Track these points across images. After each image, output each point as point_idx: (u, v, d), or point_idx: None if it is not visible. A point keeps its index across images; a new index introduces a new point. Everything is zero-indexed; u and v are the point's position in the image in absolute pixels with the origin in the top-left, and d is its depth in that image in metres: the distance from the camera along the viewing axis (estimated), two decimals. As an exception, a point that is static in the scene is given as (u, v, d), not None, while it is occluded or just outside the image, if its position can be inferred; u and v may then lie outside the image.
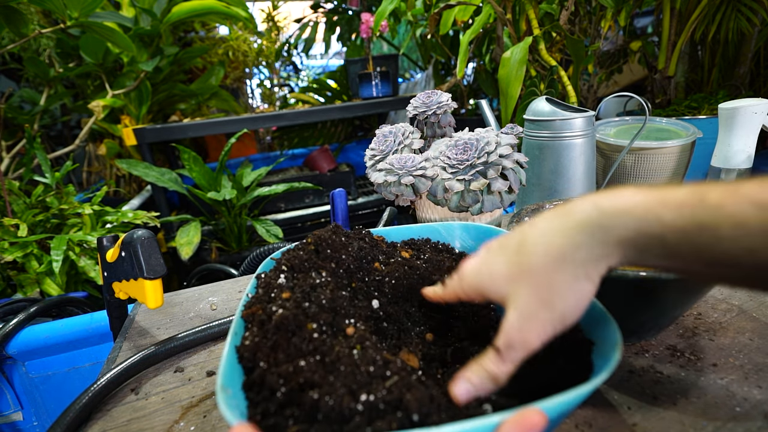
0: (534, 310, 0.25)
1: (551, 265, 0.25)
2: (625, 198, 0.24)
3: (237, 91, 2.64)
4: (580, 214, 0.25)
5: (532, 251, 0.26)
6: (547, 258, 0.25)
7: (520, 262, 0.26)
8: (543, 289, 0.25)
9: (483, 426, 0.21)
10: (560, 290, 0.25)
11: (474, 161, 0.56)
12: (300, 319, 0.30)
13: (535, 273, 0.25)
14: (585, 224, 0.24)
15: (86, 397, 0.41)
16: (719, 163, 0.81)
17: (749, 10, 1.20)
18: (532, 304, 0.25)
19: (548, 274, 0.25)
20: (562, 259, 0.24)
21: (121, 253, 0.50)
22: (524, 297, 0.25)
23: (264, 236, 1.52)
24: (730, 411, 0.35)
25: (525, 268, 0.26)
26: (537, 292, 0.25)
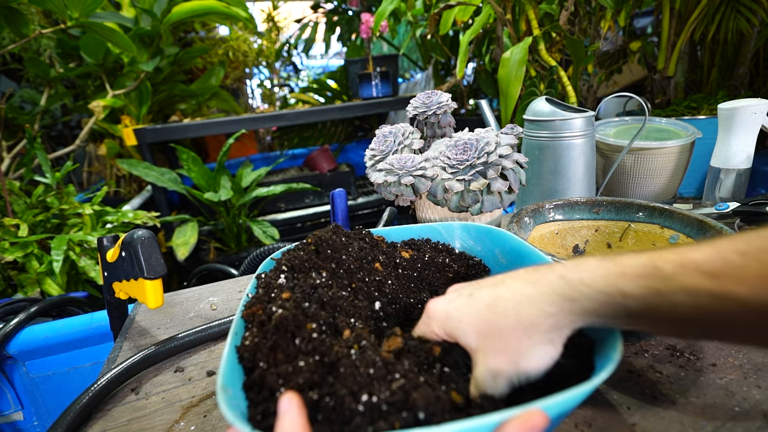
0: (503, 368, 0.27)
1: (521, 331, 0.27)
2: (589, 271, 0.26)
3: (237, 91, 2.64)
4: (550, 285, 0.27)
5: (504, 314, 0.28)
6: (518, 324, 0.27)
7: (490, 321, 0.28)
8: (512, 352, 0.27)
9: (484, 425, 0.21)
10: (527, 354, 0.27)
11: (474, 161, 0.56)
12: (300, 320, 0.30)
13: (506, 336, 0.27)
14: (554, 295, 0.27)
15: (86, 396, 0.41)
16: (718, 163, 0.81)
17: (748, 10, 1.20)
18: (502, 364, 0.27)
19: (518, 339, 0.27)
20: (532, 326, 0.27)
21: (122, 253, 0.50)
22: (493, 356, 0.28)
23: (260, 237, 1.51)
24: (729, 411, 0.35)
25: (495, 328, 0.28)
26: (506, 354, 0.27)
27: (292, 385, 0.26)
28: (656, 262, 0.24)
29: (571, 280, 0.26)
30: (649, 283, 0.24)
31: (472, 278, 0.45)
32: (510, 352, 0.27)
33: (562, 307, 0.26)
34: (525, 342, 0.27)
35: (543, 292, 0.27)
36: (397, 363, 0.27)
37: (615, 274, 0.25)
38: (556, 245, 0.57)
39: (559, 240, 0.58)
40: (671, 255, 0.24)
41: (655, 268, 0.24)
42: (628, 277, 0.25)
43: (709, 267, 0.23)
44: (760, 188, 1.17)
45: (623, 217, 0.57)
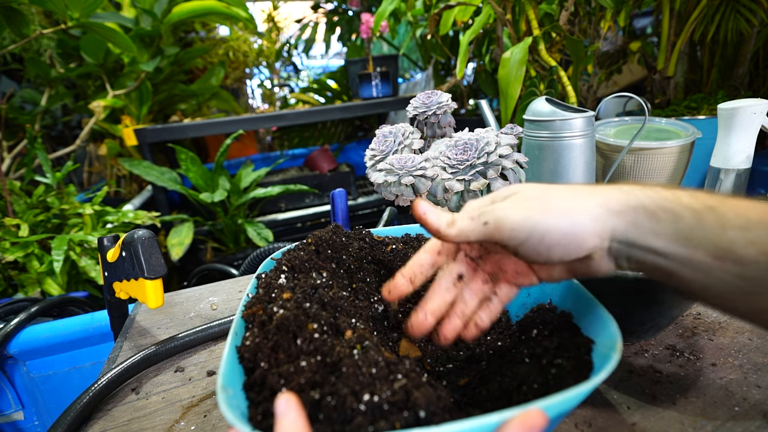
0: (530, 207, 0.27)
1: (565, 194, 0.27)
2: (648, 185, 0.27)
3: (237, 91, 2.64)
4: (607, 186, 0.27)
5: (551, 187, 0.28)
6: (563, 189, 0.27)
7: (536, 184, 0.29)
8: (550, 199, 0.27)
9: (483, 425, 0.21)
10: (566, 208, 0.26)
11: (474, 161, 0.56)
12: (301, 320, 0.30)
13: (547, 194, 0.27)
14: (610, 187, 0.27)
15: (87, 396, 0.41)
16: (718, 164, 0.81)
17: (748, 10, 1.20)
18: (531, 205, 0.27)
19: (558, 198, 0.27)
20: (577, 194, 0.27)
21: (122, 253, 0.50)
22: (527, 195, 0.27)
23: (254, 239, 1.50)
24: (729, 410, 0.35)
25: (540, 186, 0.28)
26: (542, 198, 0.27)
27: (294, 385, 0.26)
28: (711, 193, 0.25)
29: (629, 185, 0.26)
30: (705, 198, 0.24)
31: None
32: (548, 199, 0.27)
33: (616, 192, 0.26)
34: (570, 199, 0.26)
35: (603, 186, 0.27)
36: (399, 363, 0.27)
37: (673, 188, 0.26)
38: (556, 245, 0.58)
39: (559, 240, 0.58)
40: None
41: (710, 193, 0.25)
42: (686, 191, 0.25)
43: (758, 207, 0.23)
44: (759, 188, 1.17)
45: (623, 217, 0.57)
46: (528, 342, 0.32)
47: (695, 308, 0.50)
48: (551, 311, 0.34)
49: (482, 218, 0.27)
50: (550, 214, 0.26)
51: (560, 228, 0.26)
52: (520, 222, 0.26)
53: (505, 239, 0.27)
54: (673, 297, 0.39)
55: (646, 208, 0.25)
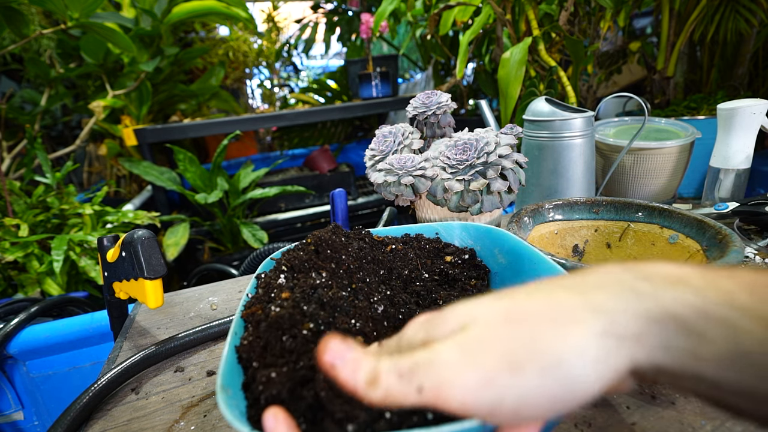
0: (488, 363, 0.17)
1: (550, 317, 0.18)
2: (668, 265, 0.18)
3: (237, 91, 2.64)
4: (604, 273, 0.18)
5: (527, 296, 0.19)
6: (548, 308, 0.18)
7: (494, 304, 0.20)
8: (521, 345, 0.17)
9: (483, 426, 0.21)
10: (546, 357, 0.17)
11: (473, 161, 0.56)
12: (296, 318, 0.30)
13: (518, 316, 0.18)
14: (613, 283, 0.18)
15: (87, 396, 0.41)
16: (718, 164, 0.81)
17: (747, 11, 1.20)
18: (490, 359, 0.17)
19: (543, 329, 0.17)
20: (571, 318, 0.17)
21: (122, 253, 0.50)
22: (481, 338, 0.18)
23: (249, 240, 1.49)
24: (728, 410, 0.35)
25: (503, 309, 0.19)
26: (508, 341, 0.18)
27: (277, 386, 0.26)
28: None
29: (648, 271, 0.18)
30: None
31: (466, 264, 0.45)
32: (516, 342, 0.17)
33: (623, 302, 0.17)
34: (551, 336, 0.17)
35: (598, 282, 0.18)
36: None
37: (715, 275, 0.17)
38: (556, 245, 0.58)
39: (559, 240, 0.58)
40: None
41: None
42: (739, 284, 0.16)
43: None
44: (759, 188, 1.17)
45: (623, 217, 0.57)
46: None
47: (695, 308, 0.50)
48: None
49: (415, 380, 0.18)
50: (522, 373, 0.16)
51: (543, 392, 0.16)
52: (477, 393, 0.17)
53: (454, 413, 0.17)
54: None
55: (681, 319, 0.16)
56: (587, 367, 0.16)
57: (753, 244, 0.64)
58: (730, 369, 0.16)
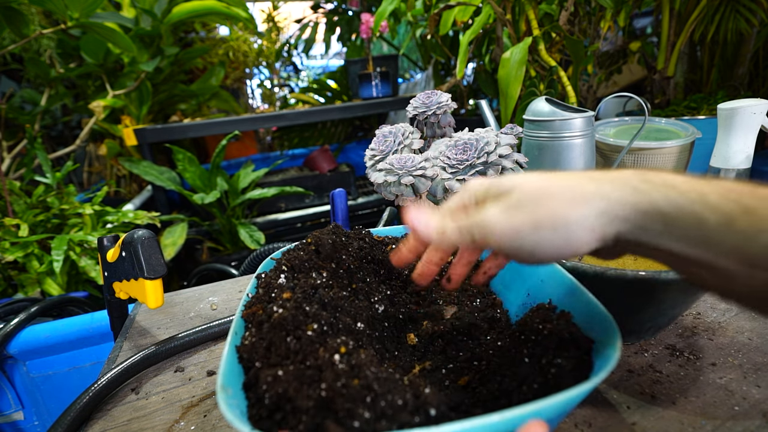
0: (519, 219, 0.25)
1: (568, 199, 0.24)
2: (669, 174, 0.23)
3: (237, 91, 2.64)
4: (619, 173, 0.24)
5: (556, 182, 0.25)
6: (567, 192, 0.24)
7: (533, 177, 0.26)
8: (541, 208, 0.24)
9: (484, 425, 0.21)
10: (558, 221, 0.24)
11: (474, 161, 0.56)
12: (299, 320, 0.30)
13: (544, 191, 0.25)
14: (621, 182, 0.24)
15: (87, 396, 0.41)
16: (718, 164, 0.81)
17: (748, 10, 1.20)
18: (521, 216, 0.25)
19: (559, 201, 0.24)
20: (581, 199, 0.24)
21: (122, 253, 0.50)
22: (519, 201, 0.25)
23: (245, 241, 1.48)
24: (728, 410, 0.35)
25: (537, 182, 0.26)
26: (533, 206, 0.25)
27: (283, 384, 0.26)
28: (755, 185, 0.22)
29: (648, 176, 0.23)
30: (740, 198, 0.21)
31: None
32: (539, 206, 0.24)
33: (623, 194, 0.23)
34: (565, 208, 0.24)
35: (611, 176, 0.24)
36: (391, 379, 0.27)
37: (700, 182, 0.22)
38: (556, 245, 0.58)
39: (559, 240, 0.58)
40: None
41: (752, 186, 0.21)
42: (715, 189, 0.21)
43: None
44: (759, 188, 1.16)
45: (623, 217, 0.57)
46: (528, 342, 0.32)
47: (695, 308, 0.50)
48: (551, 311, 0.34)
49: (470, 232, 0.27)
50: (541, 229, 0.24)
51: (552, 243, 0.24)
52: (509, 238, 0.25)
53: (494, 249, 0.27)
54: (674, 297, 0.39)
55: (661, 211, 0.22)
56: (584, 231, 0.24)
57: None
58: (694, 247, 0.22)
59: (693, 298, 0.41)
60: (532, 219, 0.24)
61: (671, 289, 0.38)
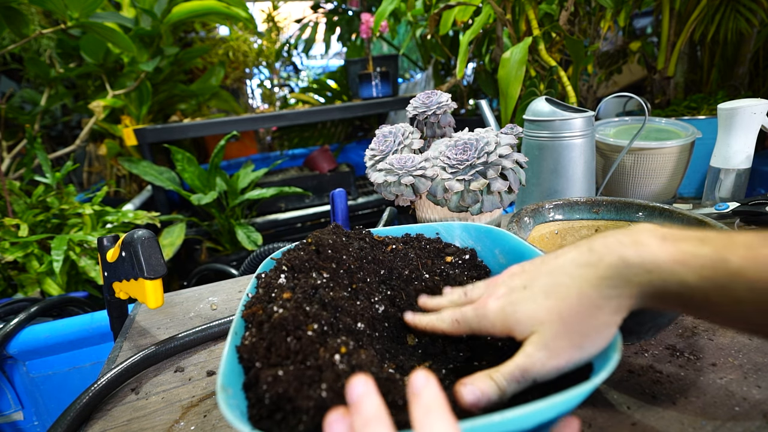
0: (563, 350, 0.27)
1: (585, 313, 0.27)
2: (651, 251, 0.26)
3: (237, 91, 2.64)
4: (611, 269, 0.27)
5: (565, 298, 0.28)
6: (581, 307, 0.27)
7: (550, 308, 0.28)
8: (575, 335, 0.27)
9: (484, 425, 0.21)
10: (591, 335, 0.27)
11: (474, 161, 0.56)
12: (299, 320, 0.30)
13: (568, 319, 0.27)
14: (616, 279, 0.27)
15: (87, 396, 0.41)
16: (718, 164, 0.81)
17: (748, 10, 1.20)
18: (563, 347, 0.27)
19: (582, 321, 0.27)
20: (595, 308, 0.27)
21: (122, 253, 0.50)
22: (554, 337, 0.27)
23: (243, 242, 1.47)
24: (729, 410, 0.35)
25: (556, 313, 0.28)
26: (569, 336, 0.27)
27: (283, 384, 0.26)
28: (724, 254, 0.24)
29: (632, 263, 0.26)
30: (713, 276, 0.24)
31: (467, 264, 0.45)
32: (574, 335, 0.27)
33: (622, 291, 0.26)
34: (589, 323, 0.27)
35: (604, 276, 0.27)
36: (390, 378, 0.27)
37: (678, 262, 0.25)
38: (556, 245, 0.58)
39: (559, 240, 0.58)
40: (741, 249, 0.24)
41: (722, 261, 0.24)
42: (691, 269, 0.24)
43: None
44: (759, 188, 1.17)
45: (623, 217, 0.57)
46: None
47: (695, 308, 0.50)
48: None
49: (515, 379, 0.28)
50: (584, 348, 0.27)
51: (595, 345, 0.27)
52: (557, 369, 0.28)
53: None
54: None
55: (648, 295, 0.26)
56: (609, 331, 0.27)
57: (753, 244, 0.63)
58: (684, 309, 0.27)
59: (693, 298, 0.41)
60: (571, 346, 0.27)
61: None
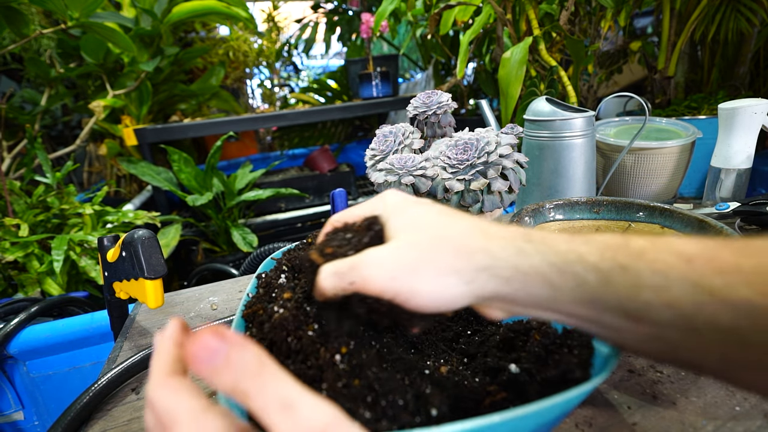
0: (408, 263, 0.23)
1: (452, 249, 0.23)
2: (552, 234, 0.23)
3: (237, 91, 2.64)
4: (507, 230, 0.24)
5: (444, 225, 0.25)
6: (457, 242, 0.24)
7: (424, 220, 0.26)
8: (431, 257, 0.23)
9: (484, 425, 0.21)
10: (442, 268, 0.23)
11: (474, 161, 0.56)
12: (300, 320, 0.30)
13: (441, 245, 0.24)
14: (507, 239, 0.23)
15: (87, 396, 0.41)
16: (719, 163, 0.81)
17: (749, 10, 1.20)
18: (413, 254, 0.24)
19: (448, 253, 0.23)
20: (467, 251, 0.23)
21: (122, 252, 0.50)
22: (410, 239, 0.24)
23: (238, 243, 1.46)
24: (729, 410, 0.35)
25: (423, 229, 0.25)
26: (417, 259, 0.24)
27: None
28: (626, 238, 0.22)
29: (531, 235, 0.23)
30: (616, 255, 0.21)
31: None
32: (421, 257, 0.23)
33: (507, 253, 0.23)
34: (443, 260, 0.23)
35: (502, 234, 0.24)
36: None
37: (579, 241, 0.22)
38: (557, 245, 0.58)
39: (560, 240, 0.58)
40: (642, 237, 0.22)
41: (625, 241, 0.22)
42: (592, 246, 0.22)
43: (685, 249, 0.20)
44: (760, 188, 1.17)
45: (624, 217, 0.57)
46: (527, 342, 0.32)
47: (696, 308, 0.50)
48: None
49: (348, 277, 0.25)
50: (419, 277, 0.23)
51: (429, 293, 0.23)
52: (386, 284, 0.24)
53: (374, 295, 0.25)
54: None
55: (540, 273, 0.22)
56: (460, 284, 0.23)
57: (754, 243, 0.63)
58: (577, 305, 0.22)
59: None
60: (415, 263, 0.23)
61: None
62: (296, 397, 0.19)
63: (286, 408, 0.18)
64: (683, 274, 0.19)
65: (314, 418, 0.18)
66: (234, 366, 0.19)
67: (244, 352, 0.20)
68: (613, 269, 0.21)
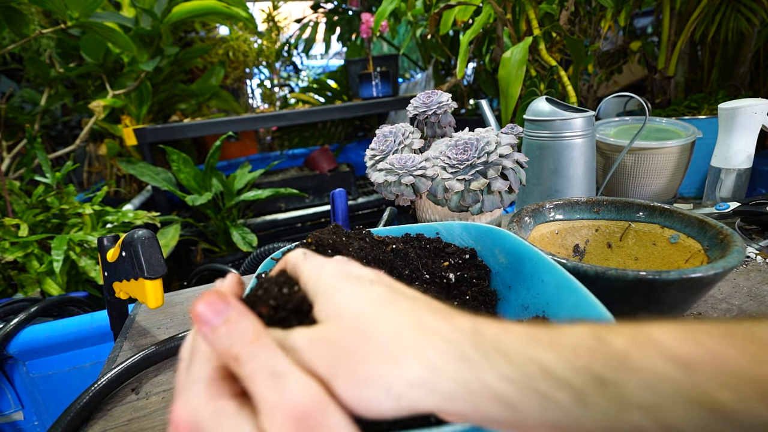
0: None
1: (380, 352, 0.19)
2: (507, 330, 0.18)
3: (237, 91, 2.64)
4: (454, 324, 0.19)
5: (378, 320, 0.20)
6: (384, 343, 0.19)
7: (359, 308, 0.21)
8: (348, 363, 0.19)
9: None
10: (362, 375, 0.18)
11: (474, 161, 0.56)
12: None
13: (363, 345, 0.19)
14: (451, 339, 0.18)
15: (87, 396, 0.41)
16: (719, 163, 0.81)
17: (749, 10, 1.20)
18: None
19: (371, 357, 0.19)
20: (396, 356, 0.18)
21: (122, 252, 0.50)
22: None
23: (238, 243, 1.45)
24: None
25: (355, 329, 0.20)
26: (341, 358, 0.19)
27: None
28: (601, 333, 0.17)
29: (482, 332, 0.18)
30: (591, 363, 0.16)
31: (467, 264, 0.45)
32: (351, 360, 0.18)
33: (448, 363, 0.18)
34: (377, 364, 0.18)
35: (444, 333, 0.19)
36: None
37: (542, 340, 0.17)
38: (557, 245, 0.57)
39: (560, 240, 0.58)
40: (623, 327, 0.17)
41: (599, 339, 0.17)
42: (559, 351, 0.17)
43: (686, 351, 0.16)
44: (760, 188, 1.17)
45: (624, 217, 0.57)
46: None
47: (696, 308, 0.50)
48: None
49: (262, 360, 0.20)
50: (337, 381, 0.18)
51: (346, 401, 0.18)
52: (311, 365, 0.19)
53: None
54: (674, 297, 0.39)
55: (493, 391, 0.17)
56: (386, 400, 0.18)
57: (754, 244, 0.64)
58: (543, 426, 0.17)
59: (694, 298, 0.41)
60: (333, 362, 0.18)
61: (671, 289, 0.38)
62: (286, 370, 0.18)
63: (273, 376, 0.18)
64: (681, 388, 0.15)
65: (300, 392, 0.17)
66: (231, 329, 0.19)
67: (243, 319, 0.20)
68: (588, 385, 0.16)
